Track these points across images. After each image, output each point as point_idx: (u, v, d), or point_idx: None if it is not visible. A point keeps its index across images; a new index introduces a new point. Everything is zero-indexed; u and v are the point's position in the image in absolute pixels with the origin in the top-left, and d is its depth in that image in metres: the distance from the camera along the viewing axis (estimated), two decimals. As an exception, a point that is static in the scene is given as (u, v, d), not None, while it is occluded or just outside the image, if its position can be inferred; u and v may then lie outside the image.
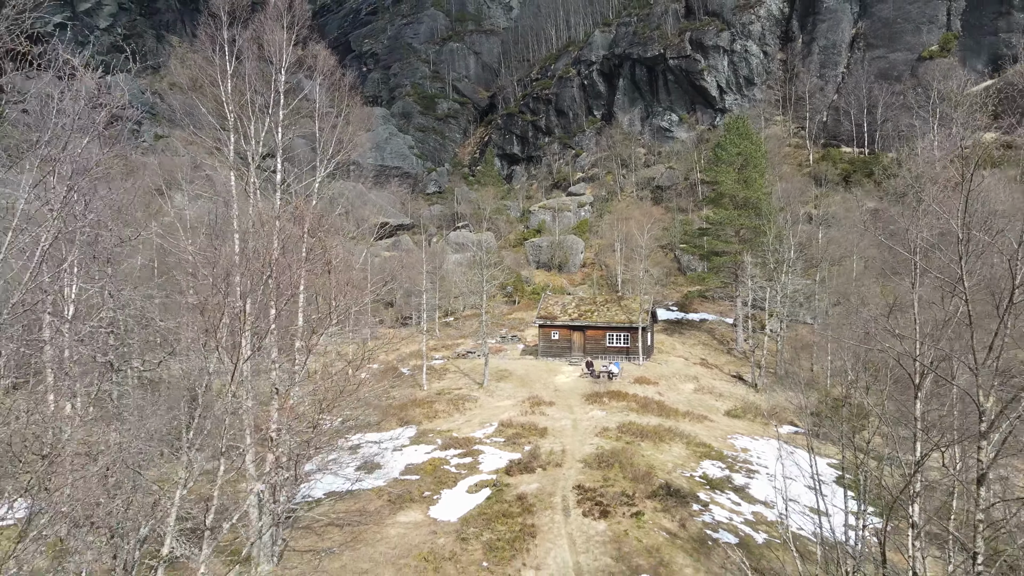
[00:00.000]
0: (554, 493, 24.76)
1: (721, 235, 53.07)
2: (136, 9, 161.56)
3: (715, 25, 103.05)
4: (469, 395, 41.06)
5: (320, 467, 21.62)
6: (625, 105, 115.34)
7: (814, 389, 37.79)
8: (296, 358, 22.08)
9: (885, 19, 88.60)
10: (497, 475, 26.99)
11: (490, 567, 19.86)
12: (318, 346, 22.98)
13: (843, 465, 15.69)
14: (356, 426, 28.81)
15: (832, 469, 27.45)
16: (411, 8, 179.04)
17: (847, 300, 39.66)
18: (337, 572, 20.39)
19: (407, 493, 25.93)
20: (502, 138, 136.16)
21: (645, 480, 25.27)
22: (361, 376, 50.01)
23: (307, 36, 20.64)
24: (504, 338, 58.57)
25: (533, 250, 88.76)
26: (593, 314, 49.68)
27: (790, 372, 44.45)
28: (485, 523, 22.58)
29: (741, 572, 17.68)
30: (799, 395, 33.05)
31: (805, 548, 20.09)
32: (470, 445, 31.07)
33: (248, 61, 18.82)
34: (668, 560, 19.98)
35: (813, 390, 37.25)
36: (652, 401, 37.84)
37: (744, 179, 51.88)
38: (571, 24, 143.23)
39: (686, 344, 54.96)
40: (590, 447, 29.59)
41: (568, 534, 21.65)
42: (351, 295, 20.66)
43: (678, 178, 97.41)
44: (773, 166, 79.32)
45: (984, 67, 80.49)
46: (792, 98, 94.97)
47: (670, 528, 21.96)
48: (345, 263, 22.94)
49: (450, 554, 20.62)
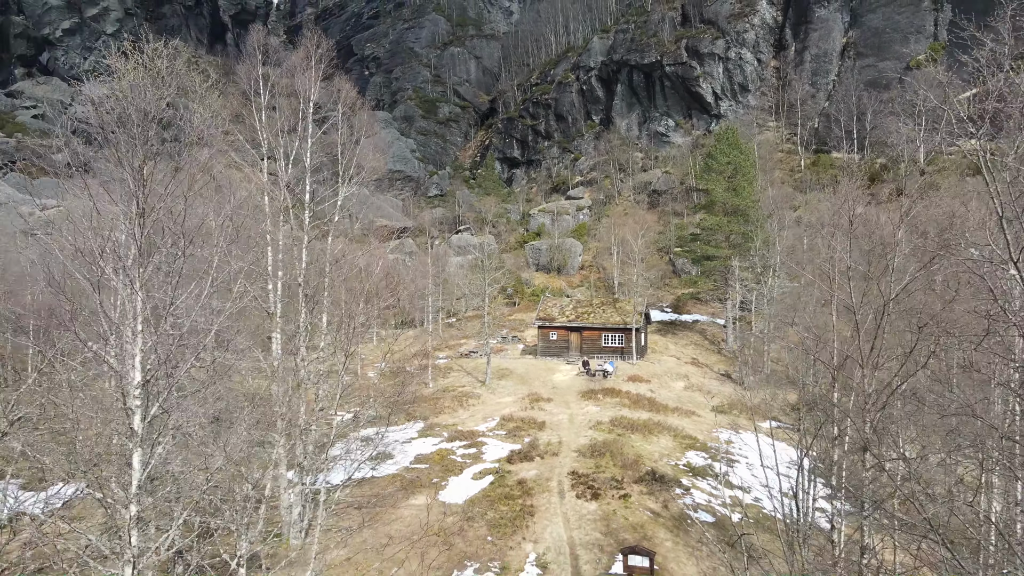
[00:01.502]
0: (551, 478, 27.42)
1: (712, 241, 55.72)
2: (142, 14, 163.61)
3: (710, 33, 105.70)
4: (472, 392, 43.72)
5: (342, 454, 24.27)
6: (623, 110, 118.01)
7: (794, 386, 40.42)
8: (320, 356, 24.73)
9: (875, 28, 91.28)
10: (499, 463, 29.65)
11: (494, 541, 22.53)
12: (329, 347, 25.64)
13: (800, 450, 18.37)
14: (369, 420, 31.56)
15: (805, 457, 30.07)
16: (412, 13, 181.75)
17: (791, 308, 42.91)
18: (359, 546, 23.03)
19: (418, 480, 28.59)
20: (503, 142, 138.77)
21: (633, 467, 27.94)
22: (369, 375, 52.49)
23: (332, 73, 23.22)
24: (505, 338, 61.22)
25: (533, 253, 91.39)
26: (589, 316, 52.34)
27: (774, 371, 47.08)
28: (489, 504, 25.25)
29: (710, 543, 20.38)
30: (779, 392, 35.77)
31: (774, 525, 22.77)
32: (474, 437, 33.73)
33: (279, 96, 21.44)
34: (651, 535, 22.64)
35: (792, 387, 39.88)
36: (644, 398, 40.49)
37: (734, 187, 54.53)
38: (570, 30, 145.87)
39: (678, 344, 57.61)
40: (584, 439, 32.25)
41: (563, 513, 24.31)
42: (373, 303, 23.29)
43: (674, 183, 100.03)
44: (766, 171, 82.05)
45: (970, 75, 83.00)
46: (785, 105, 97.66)
47: (654, 508, 24.63)
48: (367, 271, 25.55)
49: (458, 530, 23.29)
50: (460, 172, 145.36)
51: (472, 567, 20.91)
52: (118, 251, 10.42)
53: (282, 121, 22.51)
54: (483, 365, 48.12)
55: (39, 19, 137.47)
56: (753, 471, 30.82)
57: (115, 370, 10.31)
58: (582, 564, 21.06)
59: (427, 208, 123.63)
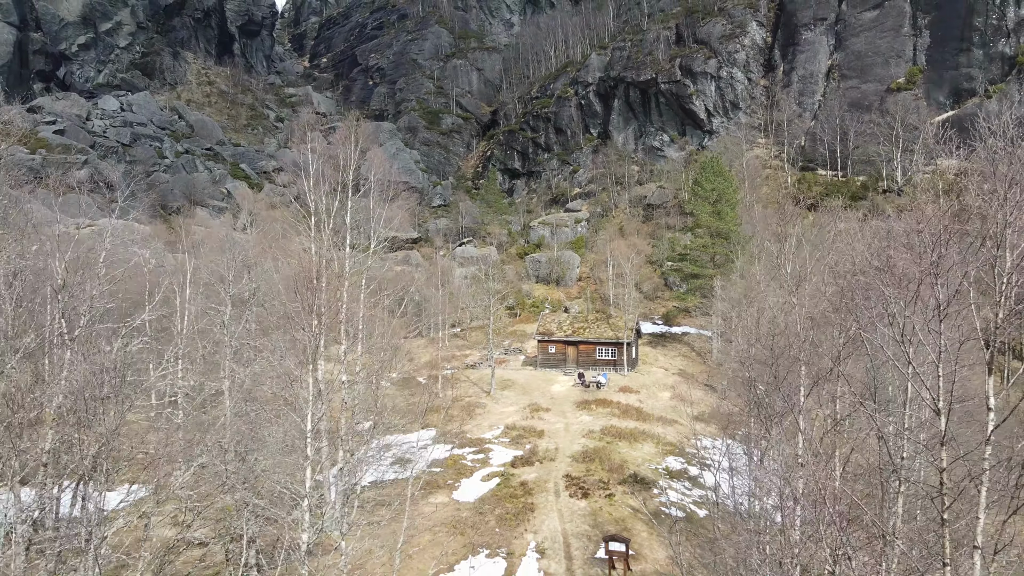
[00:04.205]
0: (548, 480, 32.24)
1: (698, 260, 60.56)
2: (153, 27, 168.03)
3: (703, 52, 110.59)
4: (478, 402, 48.55)
5: (375, 457, 29.08)
6: (620, 124, 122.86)
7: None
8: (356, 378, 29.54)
9: (858, 52, 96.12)
10: (504, 467, 34.49)
11: (501, 532, 27.35)
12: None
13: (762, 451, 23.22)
14: (389, 428, 36.37)
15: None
16: (416, 25, 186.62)
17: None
18: (388, 536, 27.82)
19: (434, 482, 33.41)
20: (504, 154, 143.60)
21: (618, 471, 32.78)
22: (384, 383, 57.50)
23: (367, 147, 28.00)
24: (507, 350, 66.05)
25: (533, 265, 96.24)
26: (585, 331, 57.18)
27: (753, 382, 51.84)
28: (496, 502, 30.08)
29: (678, 533, 25.20)
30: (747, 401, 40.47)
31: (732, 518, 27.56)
32: (482, 444, 38.58)
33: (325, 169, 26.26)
34: (630, 527, 27.46)
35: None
36: (632, 407, 45.32)
37: (718, 211, 59.38)
38: (569, 44, 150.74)
39: (668, 356, 62.43)
40: (578, 446, 37.08)
41: (558, 509, 29.14)
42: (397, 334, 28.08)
43: (668, 197, 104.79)
44: (755, 188, 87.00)
45: (946, 99, 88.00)
46: (773, 123, 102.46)
47: (634, 505, 29.46)
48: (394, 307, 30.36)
49: (471, 523, 28.11)
50: (463, 182, 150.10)
51: (484, 552, 25.75)
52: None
53: (325, 186, 27.31)
54: (487, 376, 52.93)
55: (56, 35, 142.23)
56: (723, 474, 35.64)
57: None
58: (573, 550, 25.88)
59: (431, 218, 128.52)
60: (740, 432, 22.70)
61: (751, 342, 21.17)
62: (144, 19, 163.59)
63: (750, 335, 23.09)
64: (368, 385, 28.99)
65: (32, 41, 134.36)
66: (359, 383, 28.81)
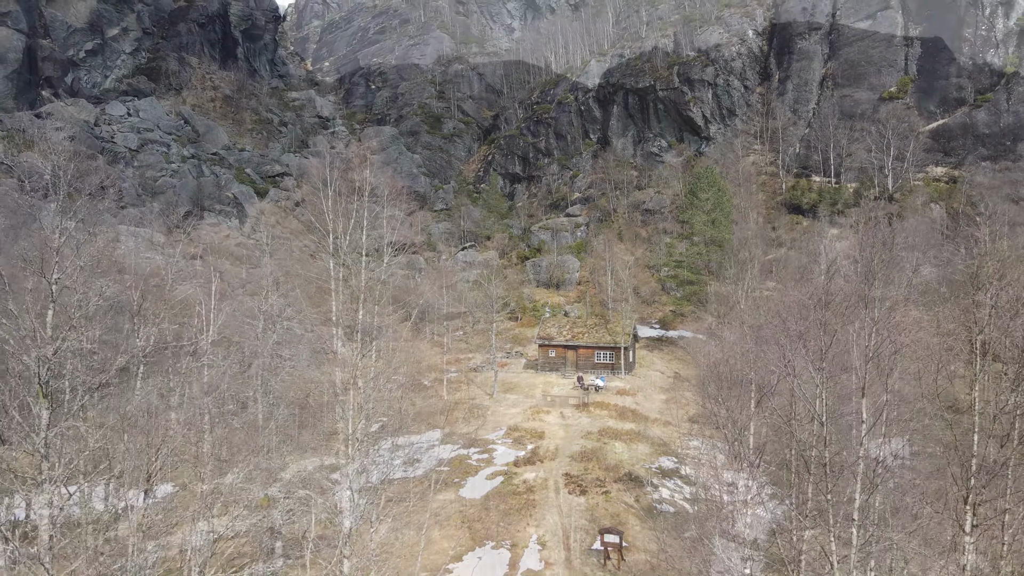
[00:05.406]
0: (549, 479, 34.51)
1: (692, 267, 62.80)
2: (158, 33, 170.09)
3: (700, 60, 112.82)
4: (482, 404, 50.80)
5: (388, 457, 31.34)
6: (619, 130, 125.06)
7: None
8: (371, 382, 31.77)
9: (851, 61, 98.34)
10: (508, 467, 36.76)
11: (505, 526, 29.62)
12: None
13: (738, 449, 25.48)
14: (395, 429, 38.63)
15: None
16: (417, 30, 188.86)
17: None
18: (402, 530, 30.10)
19: (442, 480, 35.66)
20: (504, 158, 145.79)
21: (614, 470, 35.04)
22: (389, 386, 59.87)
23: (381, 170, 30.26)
24: (509, 354, 68.31)
25: (534, 269, 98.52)
26: (584, 335, 59.44)
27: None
28: (500, 499, 32.35)
29: (668, 527, 27.47)
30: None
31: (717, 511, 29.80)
32: (486, 444, 40.84)
33: (343, 195, 28.55)
34: (624, 521, 29.72)
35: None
36: (628, 409, 47.58)
37: (712, 220, 61.63)
38: (569, 50, 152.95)
39: (664, 359, 64.68)
40: (577, 446, 39.33)
41: (558, 505, 31.41)
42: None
43: (665, 202, 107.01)
44: (750, 193, 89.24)
45: (936, 107, 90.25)
46: (769, 130, 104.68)
47: (628, 502, 31.73)
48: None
49: (477, 518, 30.38)
50: (464, 186, 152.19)
51: (490, 544, 28.03)
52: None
53: (341, 205, 29.60)
54: (490, 379, 55.17)
55: (64, 42, 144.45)
56: (714, 471, 37.92)
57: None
58: (571, 542, 28.16)
59: (433, 222, 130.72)
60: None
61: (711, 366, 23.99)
62: (150, 24, 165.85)
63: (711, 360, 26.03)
64: (382, 390, 31.23)
65: (41, 48, 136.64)
66: (373, 389, 31.04)
